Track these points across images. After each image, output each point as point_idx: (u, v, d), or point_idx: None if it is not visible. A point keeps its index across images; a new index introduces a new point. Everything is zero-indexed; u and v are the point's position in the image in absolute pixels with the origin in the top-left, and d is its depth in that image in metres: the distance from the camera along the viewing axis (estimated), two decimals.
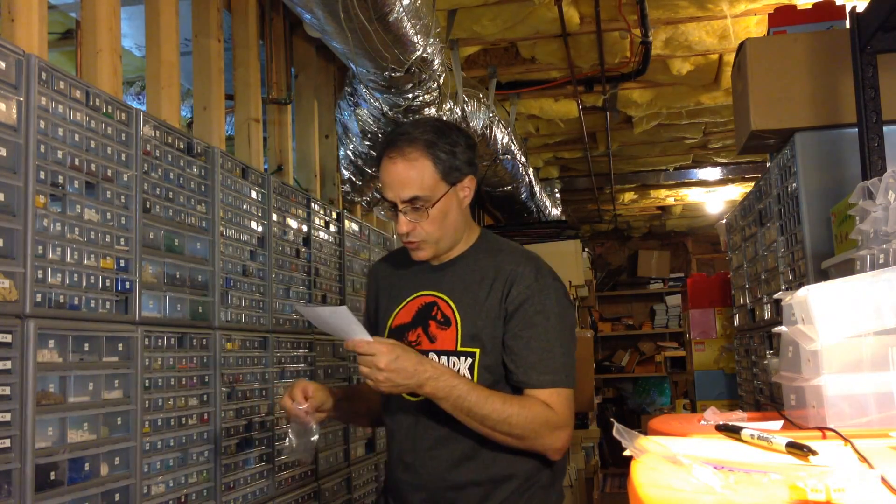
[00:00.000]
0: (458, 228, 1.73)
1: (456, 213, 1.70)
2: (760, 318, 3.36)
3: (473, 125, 4.33)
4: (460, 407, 1.58)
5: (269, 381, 2.47)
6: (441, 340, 1.69)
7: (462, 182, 1.70)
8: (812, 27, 2.94)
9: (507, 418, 1.59)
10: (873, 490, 0.91)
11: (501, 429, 1.60)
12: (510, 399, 1.62)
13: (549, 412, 1.62)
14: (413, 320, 1.76)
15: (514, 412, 1.59)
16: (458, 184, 1.69)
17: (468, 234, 1.78)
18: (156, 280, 1.92)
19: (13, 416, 1.46)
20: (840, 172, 2.66)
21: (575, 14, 4.04)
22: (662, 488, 0.94)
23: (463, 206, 1.73)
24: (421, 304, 1.75)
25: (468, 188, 1.72)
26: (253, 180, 2.48)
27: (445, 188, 1.67)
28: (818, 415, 1.45)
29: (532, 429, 1.60)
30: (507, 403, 1.60)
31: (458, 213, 1.71)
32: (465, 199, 1.72)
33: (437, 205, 1.66)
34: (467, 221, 1.77)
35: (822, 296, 1.47)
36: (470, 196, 1.73)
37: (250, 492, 2.30)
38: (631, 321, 10.18)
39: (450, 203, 1.68)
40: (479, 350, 1.66)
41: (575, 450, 5.05)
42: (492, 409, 1.58)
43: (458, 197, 1.71)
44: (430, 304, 1.74)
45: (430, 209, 1.66)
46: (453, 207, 1.69)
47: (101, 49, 2.06)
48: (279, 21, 3.32)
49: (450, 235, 1.72)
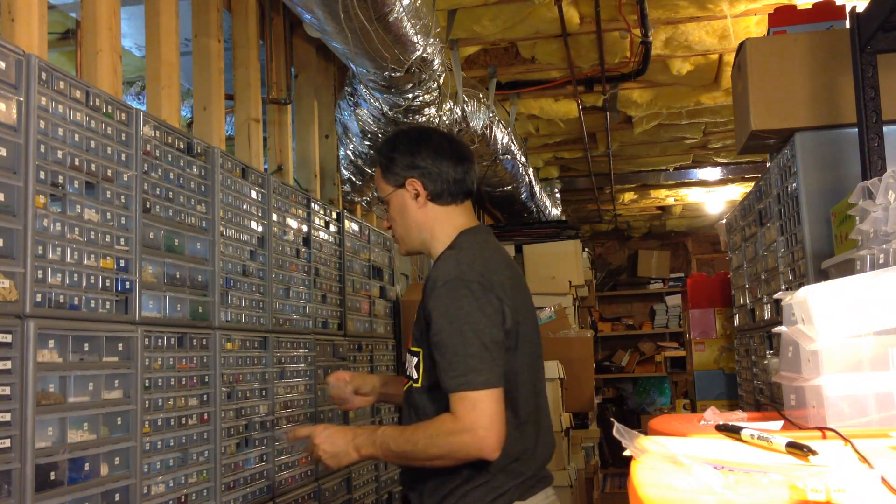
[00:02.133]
0: (419, 226, 1.86)
1: (414, 213, 1.85)
2: (760, 318, 3.36)
3: (473, 125, 4.33)
4: (389, 453, 1.72)
5: (269, 381, 2.47)
6: (411, 340, 1.82)
7: (403, 185, 1.85)
8: (812, 27, 2.94)
9: (417, 446, 1.67)
10: (873, 490, 0.91)
11: (422, 456, 1.68)
12: (417, 426, 1.71)
13: (446, 421, 1.64)
14: None
15: (419, 437, 1.67)
16: (400, 187, 1.85)
17: (449, 233, 1.85)
18: (156, 280, 1.92)
19: (13, 416, 1.46)
20: (840, 172, 2.66)
21: (575, 14, 4.04)
22: (662, 488, 0.94)
23: (420, 204, 1.85)
24: None
25: (415, 191, 1.84)
26: (253, 180, 2.48)
27: (391, 189, 1.87)
28: (818, 415, 1.45)
29: (439, 444, 1.64)
30: (415, 432, 1.69)
31: (415, 212, 1.85)
32: (419, 200, 1.84)
33: (390, 204, 1.88)
34: (441, 221, 1.86)
35: (822, 296, 1.47)
36: (423, 198, 1.84)
37: (250, 492, 2.30)
38: (631, 321, 10.18)
39: (401, 202, 1.86)
40: (421, 350, 1.76)
41: (575, 450, 5.04)
42: (405, 442, 1.69)
43: (405, 199, 1.86)
44: None
45: (388, 208, 1.89)
46: (407, 207, 1.85)
47: (101, 49, 2.06)
48: (279, 21, 3.32)
49: (412, 233, 1.88)
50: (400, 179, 1.85)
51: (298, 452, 2.46)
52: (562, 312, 5.18)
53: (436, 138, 1.88)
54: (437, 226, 1.86)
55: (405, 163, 1.84)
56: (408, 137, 1.89)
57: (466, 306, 1.65)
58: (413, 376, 1.77)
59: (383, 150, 1.89)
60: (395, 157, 1.85)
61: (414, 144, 1.85)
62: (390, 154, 1.87)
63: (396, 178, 1.85)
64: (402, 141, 1.88)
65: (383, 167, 1.88)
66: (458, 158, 1.85)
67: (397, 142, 1.89)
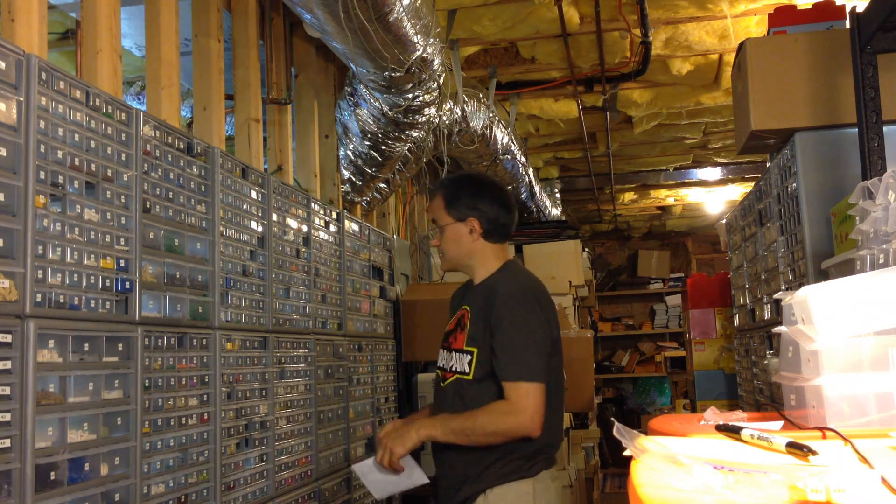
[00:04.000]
0: (469, 254, 2.25)
1: (467, 243, 2.23)
2: (760, 318, 3.36)
3: (473, 125, 4.32)
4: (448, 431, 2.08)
5: (269, 381, 2.47)
6: (458, 342, 2.20)
7: (467, 220, 2.22)
8: (812, 27, 2.94)
9: (476, 422, 2.05)
10: (873, 490, 0.91)
11: (479, 431, 2.05)
12: (475, 410, 2.08)
13: (502, 404, 2.05)
14: (453, 328, 2.26)
15: (478, 416, 2.06)
16: (464, 221, 2.22)
17: (492, 262, 2.25)
18: (156, 280, 1.92)
19: (13, 416, 1.46)
20: (840, 172, 2.66)
21: (575, 14, 4.04)
22: (662, 488, 0.94)
23: (471, 239, 2.23)
24: (459, 316, 2.25)
25: (473, 227, 2.22)
26: (253, 180, 2.48)
27: (450, 220, 2.23)
28: (818, 415, 1.45)
29: (495, 422, 2.04)
30: (473, 413, 2.07)
31: (469, 243, 2.23)
32: (473, 234, 2.22)
33: (445, 230, 2.24)
34: (487, 254, 2.25)
35: (822, 296, 1.47)
36: (477, 233, 2.22)
37: (250, 492, 2.30)
38: (631, 321, 10.17)
39: (457, 232, 2.23)
40: (476, 349, 2.14)
41: (575, 450, 5.05)
42: (465, 420, 2.07)
43: (463, 231, 2.23)
44: (462, 315, 2.23)
45: (443, 232, 2.25)
46: (462, 236, 2.23)
47: (101, 49, 2.06)
48: (279, 21, 3.31)
49: (460, 257, 2.26)
50: (462, 215, 2.22)
51: None
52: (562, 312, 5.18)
53: (496, 189, 2.29)
54: (482, 257, 2.25)
55: (469, 203, 2.22)
56: (473, 182, 2.29)
57: (529, 315, 2.08)
58: (465, 370, 2.14)
59: (450, 187, 2.26)
60: (461, 196, 2.23)
61: (479, 189, 2.25)
62: (457, 192, 2.24)
63: (458, 214, 2.23)
64: (469, 184, 2.27)
65: (448, 201, 2.24)
66: (508, 208, 2.27)
67: (465, 183, 2.28)
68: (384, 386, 3.61)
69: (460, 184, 2.30)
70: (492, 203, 2.24)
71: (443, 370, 2.23)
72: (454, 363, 2.19)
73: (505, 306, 2.09)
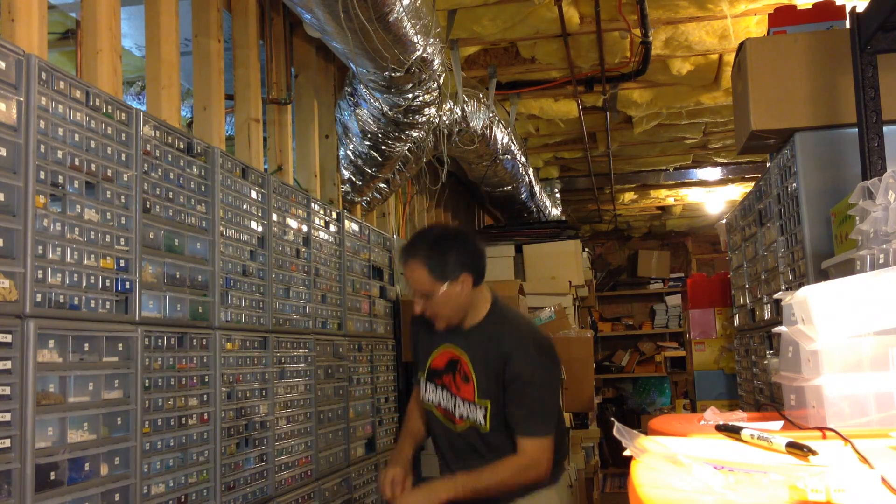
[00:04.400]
0: (462, 308, 2.24)
1: (458, 299, 2.20)
2: (760, 318, 3.36)
3: (473, 125, 4.32)
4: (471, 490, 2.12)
5: (269, 381, 2.47)
6: (464, 391, 2.24)
7: (457, 279, 2.18)
8: (812, 27, 2.94)
9: (501, 481, 2.13)
10: (873, 490, 0.91)
11: (503, 487, 2.14)
12: (495, 467, 2.16)
13: (517, 459, 2.14)
14: (445, 368, 2.28)
15: (501, 474, 2.14)
16: (454, 281, 2.18)
17: (481, 305, 2.27)
18: (156, 280, 1.92)
19: (13, 416, 1.46)
20: (840, 172, 2.66)
21: (575, 14, 4.04)
22: (662, 488, 0.94)
23: (464, 293, 2.21)
24: (449, 357, 2.27)
25: (464, 282, 2.20)
26: (253, 180, 2.48)
27: (441, 286, 2.17)
28: (818, 415, 1.45)
29: (512, 476, 2.14)
30: (496, 471, 2.14)
31: (460, 298, 2.21)
32: (465, 288, 2.20)
33: (436, 296, 2.18)
34: (476, 299, 2.26)
35: (822, 296, 1.47)
36: (469, 285, 2.21)
37: (250, 492, 2.30)
38: (631, 321, 10.17)
39: (449, 293, 2.19)
40: (489, 403, 2.19)
41: (575, 450, 5.04)
42: (489, 479, 2.13)
43: (456, 289, 2.19)
44: (455, 360, 2.26)
45: (433, 298, 2.19)
46: (454, 295, 2.19)
47: (101, 49, 2.06)
48: (279, 21, 3.31)
49: (456, 313, 2.24)
50: (453, 276, 2.19)
51: None
52: (562, 312, 5.18)
53: (469, 237, 2.29)
54: (474, 304, 2.26)
55: (457, 262, 2.19)
56: (452, 240, 2.24)
57: (543, 372, 2.17)
58: (481, 423, 2.20)
59: (433, 255, 2.19)
60: (448, 259, 2.19)
61: (461, 245, 2.23)
62: (442, 258, 2.19)
63: (449, 276, 2.19)
64: (450, 244, 2.23)
65: (435, 269, 2.18)
66: (483, 250, 2.29)
67: (445, 245, 2.23)
68: (384, 386, 3.61)
69: (441, 247, 2.24)
70: (473, 253, 2.24)
71: (446, 413, 2.27)
72: (465, 411, 2.23)
73: (519, 365, 2.15)
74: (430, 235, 2.30)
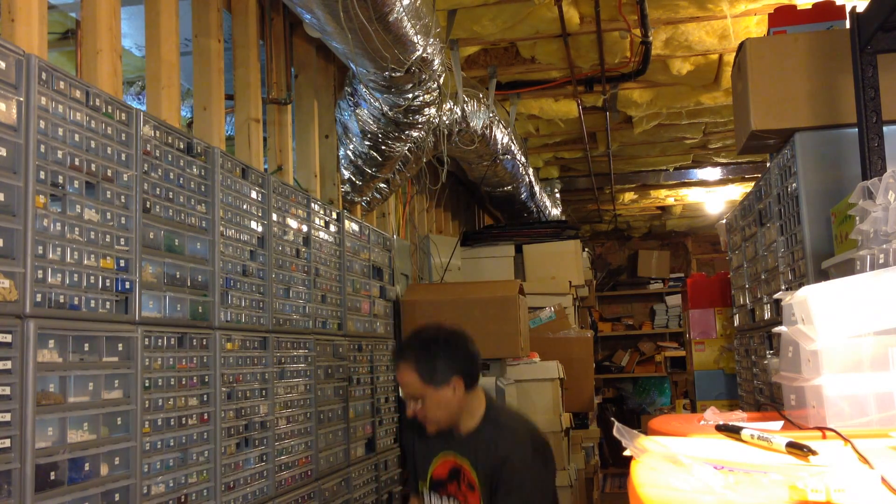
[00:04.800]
0: (454, 412, 2.25)
1: (450, 403, 2.22)
2: (760, 318, 3.36)
3: (473, 125, 4.33)
4: None
5: (269, 381, 2.47)
6: (472, 500, 2.25)
7: (448, 383, 2.21)
8: (812, 27, 2.94)
9: None
10: (873, 490, 0.91)
11: None
12: None
13: None
14: (448, 477, 2.29)
15: None
16: (444, 385, 2.21)
17: (476, 408, 2.29)
18: (156, 280, 1.92)
19: (13, 416, 1.46)
20: (840, 172, 2.66)
21: (575, 14, 4.04)
22: (662, 488, 0.94)
23: (456, 397, 2.22)
24: (451, 465, 2.29)
25: (456, 386, 2.22)
26: (253, 180, 2.48)
27: (432, 390, 2.20)
28: (818, 415, 1.45)
29: None
30: None
31: (452, 402, 2.22)
32: (457, 392, 2.22)
33: (427, 400, 2.22)
34: (469, 404, 2.27)
35: (822, 296, 1.47)
36: (461, 389, 2.23)
37: (250, 492, 2.30)
38: (631, 321, 10.17)
39: (440, 397, 2.21)
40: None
41: (575, 450, 5.04)
42: None
43: (447, 393, 2.22)
44: (457, 468, 2.27)
45: (424, 401, 2.22)
46: (445, 399, 2.22)
47: (101, 49, 2.06)
48: (279, 21, 3.31)
49: (448, 417, 2.25)
50: (444, 379, 2.21)
51: None
52: (562, 312, 5.18)
53: (461, 340, 2.28)
54: (468, 409, 2.27)
55: (447, 366, 2.21)
56: (443, 343, 2.25)
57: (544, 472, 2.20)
58: None
59: (422, 357, 2.22)
60: (438, 363, 2.21)
61: (452, 348, 2.24)
62: (432, 361, 2.21)
63: (440, 380, 2.21)
64: (440, 346, 2.24)
65: (424, 372, 2.20)
66: (476, 354, 2.29)
67: (435, 347, 2.24)
68: (384, 386, 3.61)
69: (431, 351, 2.25)
70: (465, 356, 2.25)
71: None
72: None
73: (515, 468, 2.16)
74: (421, 338, 2.32)
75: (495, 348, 3.83)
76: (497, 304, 3.87)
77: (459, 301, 3.91)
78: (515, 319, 3.85)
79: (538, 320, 5.09)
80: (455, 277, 5.34)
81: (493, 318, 3.83)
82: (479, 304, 3.87)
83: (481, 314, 3.83)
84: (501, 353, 3.88)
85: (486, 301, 3.88)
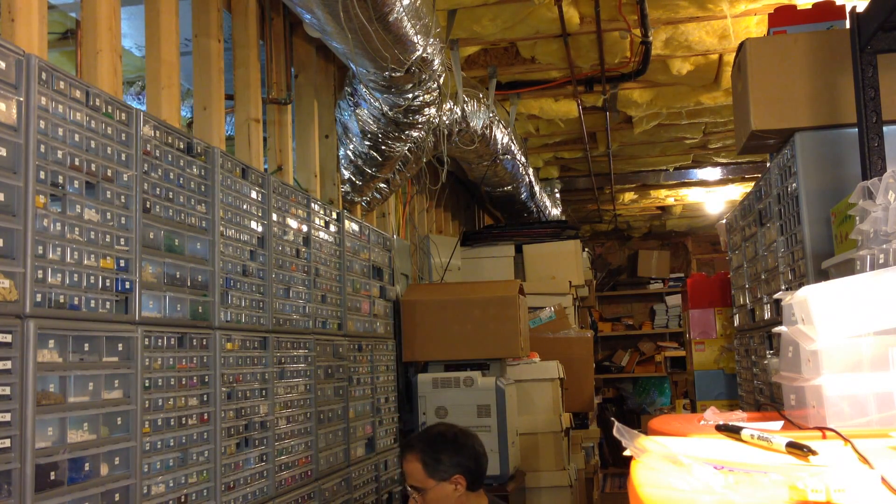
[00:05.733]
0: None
1: (449, 499, 2.27)
2: (760, 318, 3.36)
3: (473, 125, 4.33)
4: None
5: (269, 381, 2.47)
6: None
7: (449, 480, 2.27)
8: (812, 27, 2.94)
9: None
10: (873, 490, 0.91)
11: None
12: None
13: None
14: None
15: None
16: (446, 480, 2.27)
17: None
18: (156, 280, 1.92)
19: (13, 416, 1.46)
20: (840, 172, 2.66)
21: (575, 14, 4.04)
22: (662, 488, 0.94)
23: (458, 494, 2.27)
24: None
25: (458, 483, 2.28)
26: (253, 180, 2.48)
27: (433, 483, 2.27)
28: (818, 415, 1.45)
29: None
30: None
31: (451, 499, 2.27)
32: (459, 490, 2.28)
33: (428, 494, 2.27)
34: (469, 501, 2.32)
35: (822, 296, 1.47)
36: (463, 488, 2.28)
37: (250, 492, 2.30)
38: (631, 321, 10.17)
39: (441, 492, 2.27)
40: None
41: (575, 450, 5.04)
42: None
43: (448, 490, 2.27)
44: None
45: (425, 495, 2.28)
46: (446, 495, 2.27)
47: (101, 49, 2.06)
48: (279, 21, 3.31)
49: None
50: (446, 476, 2.26)
51: None
52: (562, 312, 5.19)
53: (469, 439, 2.34)
54: None
55: (451, 461, 2.27)
56: (449, 439, 2.32)
57: None
58: None
59: (427, 450, 2.29)
60: (442, 457, 2.27)
61: (457, 445, 2.30)
62: (436, 455, 2.28)
63: (442, 475, 2.27)
64: (446, 442, 2.31)
65: (428, 464, 2.27)
66: (482, 455, 2.33)
67: (441, 442, 2.31)
68: (384, 386, 3.61)
69: (437, 445, 2.31)
70: (471, 456, 2.30)
71: None
72: None
73: None
74: (431, 432, 2.41)
75: (495, 348, 3.83)
76: (497, 303, 3.87)
77: (459, 301, 3.91)
78: (515, 319, 3.85)
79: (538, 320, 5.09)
80: (455, 277, 5.34)
81: (493, 318, 3.83)
82: (479, 303, 3.87)
83: (481, 314, 3.83)
84: (501, 353, 3.88)
85: (486, 301, 3.88)
